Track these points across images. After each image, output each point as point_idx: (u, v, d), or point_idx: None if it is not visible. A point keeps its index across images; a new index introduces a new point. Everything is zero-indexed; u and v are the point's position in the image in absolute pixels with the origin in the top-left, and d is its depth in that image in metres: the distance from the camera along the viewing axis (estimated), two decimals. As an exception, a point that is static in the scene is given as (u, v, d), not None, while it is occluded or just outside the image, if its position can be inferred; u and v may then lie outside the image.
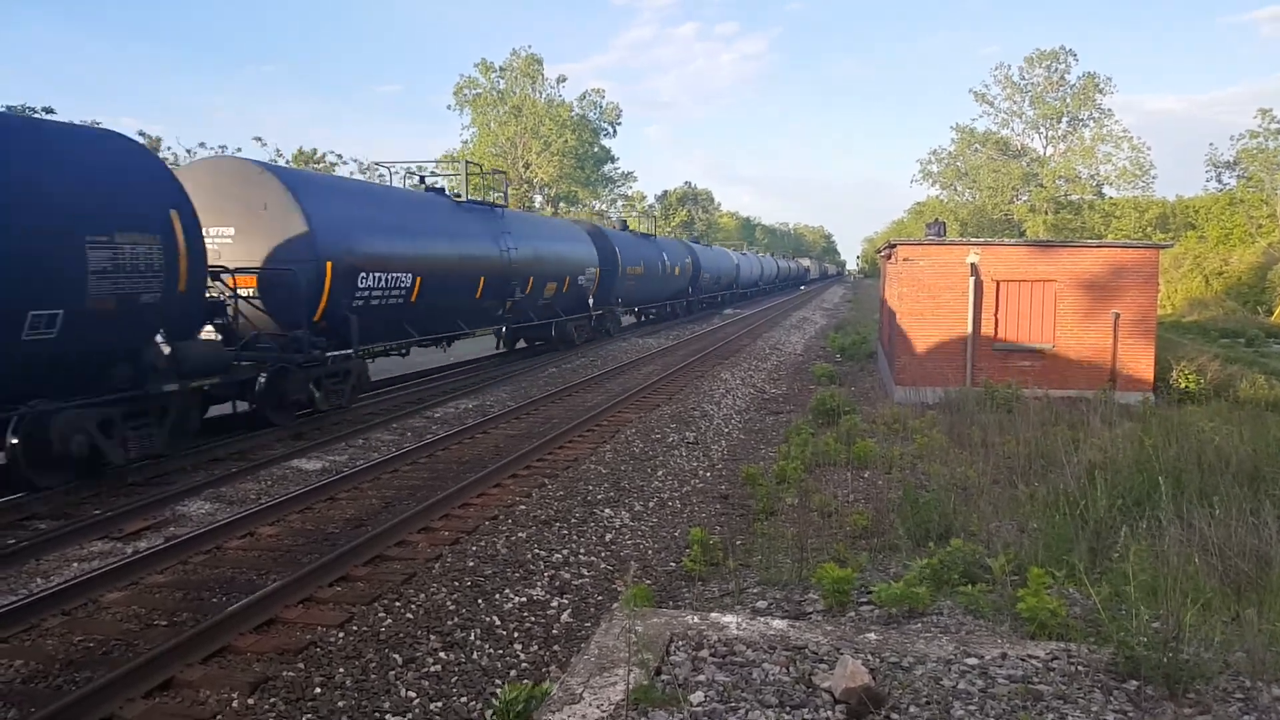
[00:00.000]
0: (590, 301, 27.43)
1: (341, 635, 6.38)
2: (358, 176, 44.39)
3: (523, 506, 9.71)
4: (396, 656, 6.08)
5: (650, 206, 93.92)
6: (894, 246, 19.48)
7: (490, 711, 4.67)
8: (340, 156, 51.33)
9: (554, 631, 6.68)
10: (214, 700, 5.41)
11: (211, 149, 42.37)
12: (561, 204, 64.42)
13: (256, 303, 13.75)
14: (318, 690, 5.59)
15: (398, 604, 6.97)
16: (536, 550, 8.36)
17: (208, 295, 12.35)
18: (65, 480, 10.00)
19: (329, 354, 14.16)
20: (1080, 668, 4.41)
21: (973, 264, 17.60)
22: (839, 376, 21.15)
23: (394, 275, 15.98)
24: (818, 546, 7.96)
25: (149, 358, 10.77)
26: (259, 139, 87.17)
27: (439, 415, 15.57)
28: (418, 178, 21.44)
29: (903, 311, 18.08)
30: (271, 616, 6.62)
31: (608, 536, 8.98)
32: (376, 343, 16.69)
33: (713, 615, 5.17)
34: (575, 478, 11.05)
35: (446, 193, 20.86)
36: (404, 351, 18.31)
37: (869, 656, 4.51)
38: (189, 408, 11.59)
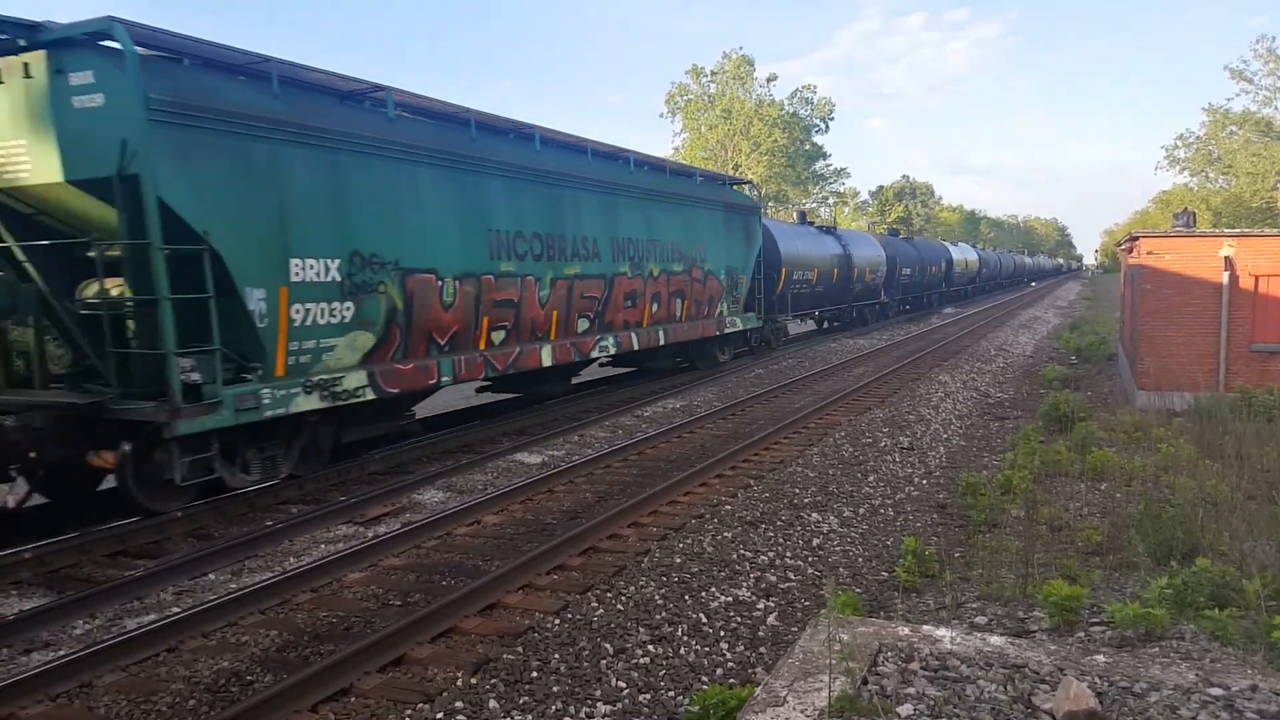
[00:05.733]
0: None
1: (557, 622, 6.67)
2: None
3: (728, 506, 9.76)
4: (608, 646, 6.29)
5: (864, 203, 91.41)
6: (1136, 239, 18.00)
7: (695, 708, 4.73)
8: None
9: (760, 633, 6.68)
10: (440, 678, 5.80)
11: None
12: (771, 204, 63.93)
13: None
14: (534, 674, 5.87)
15: (609, 595, 7.20)
16: (742, 551, 8.37)
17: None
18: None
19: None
20: (1352, 710, 3.91)
21: (1227, 258, 15.95)
22: (1073, 380, 19.77)
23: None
24: (1045, 562, 7.50)
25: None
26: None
27: (648, 414, 15.92)
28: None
29: (1146, 309, 16.66)
30: (494, 601, 7.02)
31: (815, 541, 8.86)
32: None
33: (925, 628, 4.99)
34: (781, 480, 10.97)
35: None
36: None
37: (1096, 679, 4.20)
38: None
